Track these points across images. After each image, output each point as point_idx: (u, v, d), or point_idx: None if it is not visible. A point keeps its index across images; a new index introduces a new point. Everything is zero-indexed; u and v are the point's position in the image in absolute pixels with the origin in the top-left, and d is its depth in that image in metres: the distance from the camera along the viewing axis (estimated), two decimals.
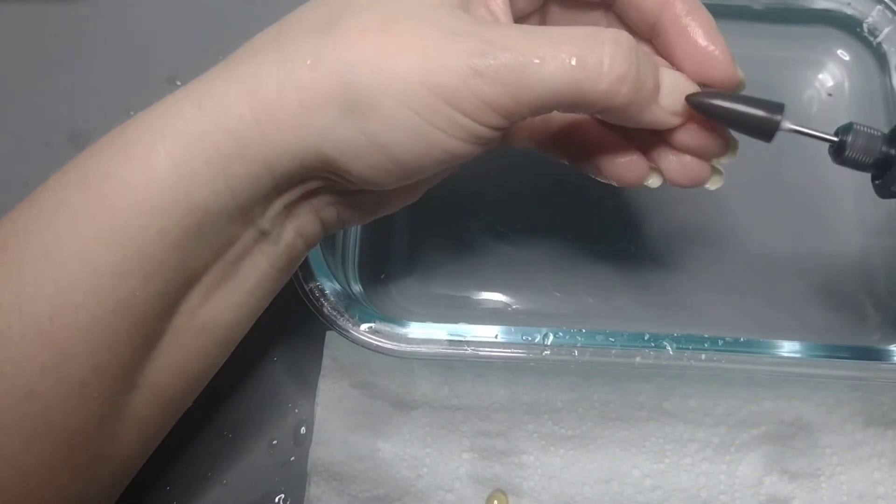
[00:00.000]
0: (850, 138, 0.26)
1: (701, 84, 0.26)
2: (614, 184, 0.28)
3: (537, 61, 0.22)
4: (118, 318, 0.23)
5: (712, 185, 0.28)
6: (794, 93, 0.40)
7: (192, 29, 0.42)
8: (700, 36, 0.26)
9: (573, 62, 0.23)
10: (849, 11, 0.40)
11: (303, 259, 0.29)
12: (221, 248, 0.25)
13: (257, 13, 0.43)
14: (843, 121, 0.27)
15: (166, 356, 0.26)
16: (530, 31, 0.23)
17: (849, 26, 0.40)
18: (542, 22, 0.30)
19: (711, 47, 0.26)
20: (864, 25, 0.40)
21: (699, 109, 0.25)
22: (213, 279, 0.25)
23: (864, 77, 0.40)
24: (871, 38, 0.40)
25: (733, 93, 0.26)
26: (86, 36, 0.42)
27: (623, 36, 0.23)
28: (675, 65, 0.27)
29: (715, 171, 0.28)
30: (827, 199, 0.38)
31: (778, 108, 0.25)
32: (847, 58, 0.41)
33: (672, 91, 0.25)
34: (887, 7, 0.39)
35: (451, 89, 0.22)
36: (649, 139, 0.27)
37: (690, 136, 0.26)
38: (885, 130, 0.26)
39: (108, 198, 0.23)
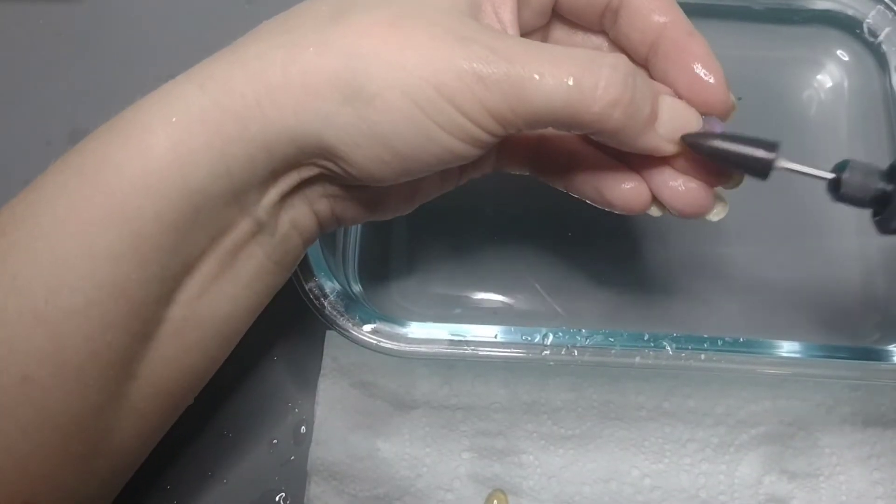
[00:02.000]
0: (846, 175, 0.26)
1: (695, 107, 0.27)
2: (616, 211, 0.28)
3: (537, 77, 0.23)
4: (114, 301, 0.23)
5: (715, 216, 0.28)
6: (794, 93, 0.40)
7: (193, 28, 0.42)
8: (696, 61, 0.26)
9: (570, 82, 0.23)
10: (848, 12, 0.40)
11: (301, 257, 0.29)
12: (218, 234, 0.25)
13: (257, 13, 0.42)
14: (841, 121, 0.27)
15: (164, 347, 0.26)
16: (535, 46, 0.24)
17: (848, 27, 0.40)
18: (545, 40, 0.30)
19: (706, 73, 0.26)
20: (864, 26, 0.40)
21: (695, 149, 0.26)
22: (210, 268, 0.25)
23: (863, 77, 0.40)
24: (871, 39, 0.40)
25: (728, 133, 0.26)
26: (86, 35, 0.42)
27: (622, 62, 0.24)
28: (670, 87, 0.27)
29: (718, 199, 0.28)
30: (826, 198, 0.38)
31: (772, 146, 0.25)
32: (847, 58, 0.41)
33: (671, 119, 0.25)
34: (887, 7, 0.39)
35: (455, 90, 0.23)
36: (652, 168, 0.27)
37: (694, 161, 0.27)
38: (885, 132, 0.26)
39: (104, 180, 0.23)
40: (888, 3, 0.39)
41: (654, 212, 0.28)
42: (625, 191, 0.28)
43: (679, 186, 0.27)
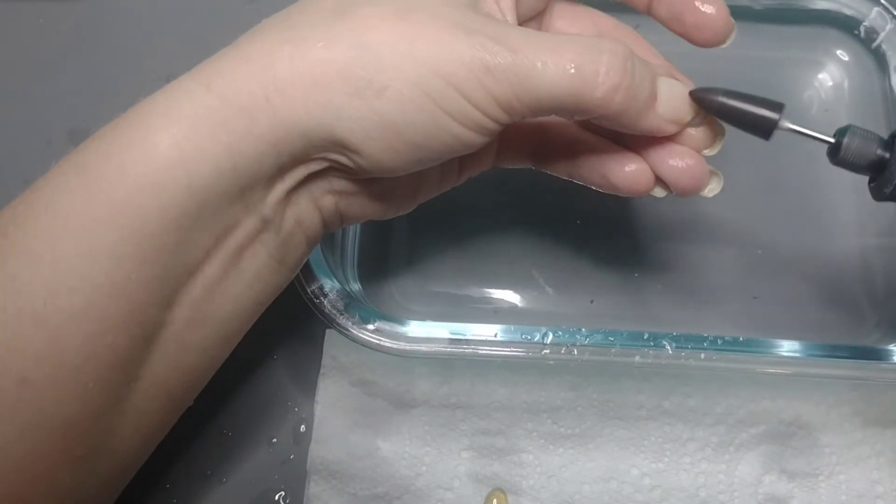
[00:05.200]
0: (846, 140, 0.26)
1: (698, 41, 0.27)
2: (620, 194, 0.29)
3: (540, 65, 0.24)
4: (114, 302, 0.23)
5: (710, 192, 0.29)
6: (794, 93, 0.40)
7: (193, 28, 0.42)
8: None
9: (572, 69, 0.24)
10: (848, 12, 0.40)
11: (305, 258, 0.29)
12: (222, 233, 0.25)
13: (257, 13, 0.43)
14: (842, 121, 0.27)
15: (165, 348, 0.25)
16: (537, 35, 0.24)
17: (848, 27, 0.40)
18: (540, 26, 0.30)
19: (708, 5, 0.27)
20: (863, 26, 0.40)
21: (701, 105, 0.26)
22: (213, 269, 0.25)
23: (863, 78, 0.41)
24: (871, 39, 0.40)
25: (734, 90, 0.26)
26: (86, 34, 0.42)
27: (620, 47, 0.25)
28: (677, 28, 0.28)
29: (713, 174, 0.28)
30: (826, 199, 0.38)
31: (778, 107, 0.26)
32: (846, 58, 0.41)
33: (669, 100, 0.26)
34: (885, 10, 0.39)
35: (463, 79, 0.23)
36: (650, 148, 0.28)
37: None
38: (885, 132, 0.26)
39: (107, 178, 0.23)
40: (886, 4, 0.39)
41: (658, 192, 0.29)
42: (629, 173, 0.28)
43: (678, 164, 0.28)
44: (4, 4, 0.43)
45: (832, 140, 0.27)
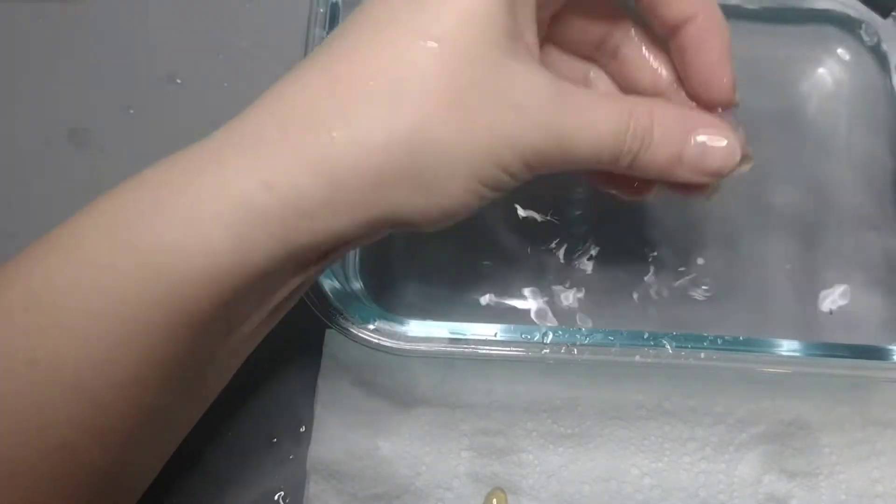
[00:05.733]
0: None
1: (699, 101, 0.28)
2: (621, 198, 0.30)
3: (580, 141, 0.25)
4: (163, 372, 0.24)
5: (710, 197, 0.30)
6: (794, 92, 0.40)
7: (192, 27, 0.42)
8: (713, 58, 0.28)
9: (601, 146, 0.25)
10: (848, 12, 0.40)
11: None
12: (271, 296, 0.26)
13: (257, 12, 0.43)
14: (842, 121, 0.27)
15: (193, 390, 0.26)
16: (583, 105, 0.25)
17: (849, 26, 0.40)
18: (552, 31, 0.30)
19: (720, 74, 0.28)
20: (864, 25, 0.40)
21: None
22: (255, 321, 0.26)
23: (864, 77, 0.40)
24: (871, 38, 0.40)
25: None
26: (86, 34, 0.42)
27: (641, 123, 0.26)
28: (682, 74, 0.29)
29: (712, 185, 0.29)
30: (826, 197, 0.38)
31: None
32: (847, 57, 0.41)
33: (699, 157, 0.27)
34: None
35: (511, 164, 0.25)
36: None
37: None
38: (886, 132, 0.26)
39: (161, 265, 0.23)
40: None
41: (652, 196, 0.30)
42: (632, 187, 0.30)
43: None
44: (4, 4, 0.43)
45: None
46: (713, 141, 0.27)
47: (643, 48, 0.30)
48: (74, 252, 0.23)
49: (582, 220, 0.38)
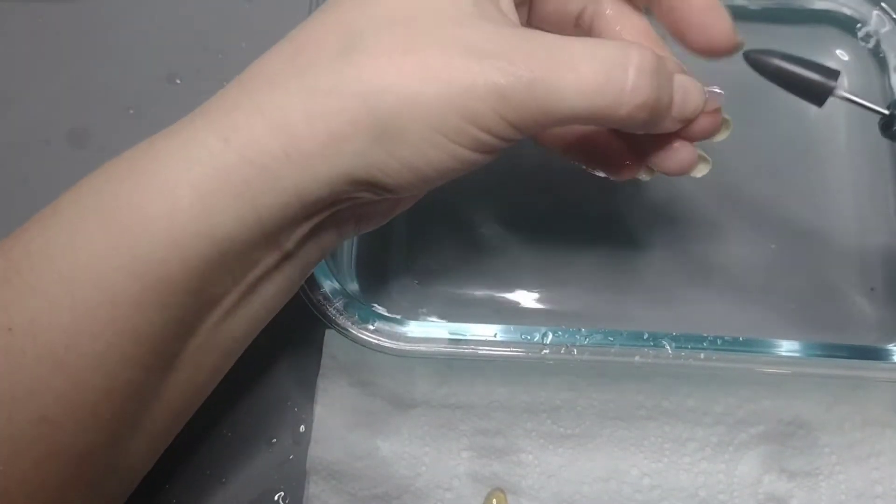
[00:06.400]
0: None
1: (702, 53, 0.27)
2: (605, 176, 0.29)
3: (561, 87, 0.23)
4: (134, 345, 0.24)
5: (698, 172, 0.28)
6: None
7: (191, 27, 0.42)
8: (705, 3, 0.26)
9: (594, 89, 0.23)
10: (847, 12, 0.40)
11: (314, 268, 0.29)
12: (243, 273, 0.25)
13: (256, 12, 0.43)
14: (841, 121, 0.27)
15: (178, 374, 0.26)
16: (553, 46, 0.23)
17: (847, 27, 0.40)
18: (530, 10, 0.30)
19: (715, 16, 0.26)
20: (863, 26, 0.40)
21: (755, 68, 0.26)
22: (231, 301, 0.26)
23: (862, 77, 0.40)
24: (870, 39, 0.40)
25: (790, 54, 0.26)
26: (85, 34, 0.42)
27: (646, 59, 0.24)
28: (675, 29, 0.27)
29: (701, 158, 0.28)
30: (826, 197, 0.38)
31: (833, 74, 0.26)
32: (846, 58, 0.41)
33: (683, 102, 0.26)
34: (884, 11, 0.39)
35: (478, 112, 0.23)
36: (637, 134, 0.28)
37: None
38: (884, 154, 0.26)
39: (128, 229, 0.23)
40: (885, 6, 0.39)
41: (643, 176, 0.29)
42: (621, 167, 0.29)
43: (666, 147, 0.27)
44: (4, 4, 0.43)
45: (886, 112, 0.26)
46: (689, 81, 0.26)
47: (621, 19, 0.29)
48: (51, 219, 0.24)
49: (582, 221, 0.38)
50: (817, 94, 0.26)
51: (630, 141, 0.29)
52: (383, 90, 0.23)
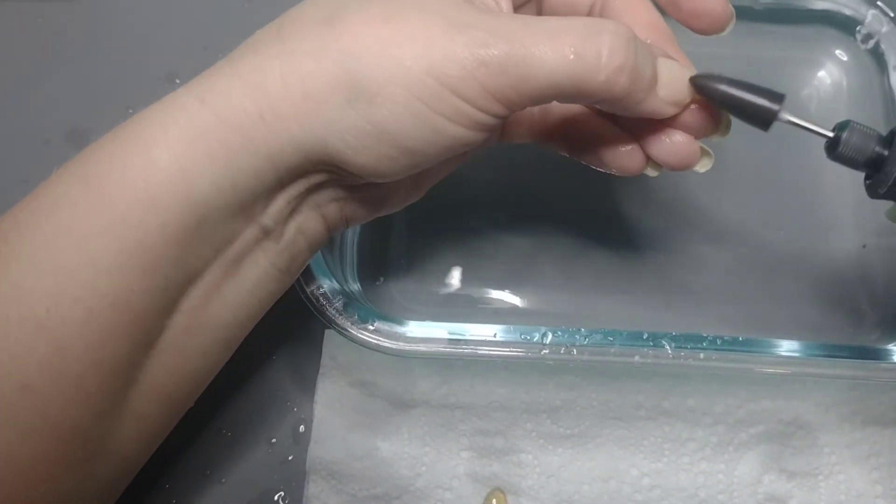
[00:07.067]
0: (845, 135, 0.26)
1: (695, 24, 0.27)
2: (614, 173, 0.29)
3: (538, 54, 0.23)
4: (116, 312, 0.23)
5: (701, 167, 0.28)
6: (793, 92, 0.40)
7: (191, 27, 0.42)
8: None
9: (572, 55, 0.23)
10: (847, 12, 0.40)
11: (306, 264, 0.29)
12: (222, 244, 0.25)
13: (256, 11, 0.43)
14: (841, 120, 0.27)
15: (166, 354, 0.26)
16: (532, 22, 0.24)
17: (847, 27, 0.40)
18: (539, 11, 0.30)
19: None
20: (862, 26, 0.40)
21: (701, 92, 0.26)
22: (213, 277, 0.25)
23: (862, 77, 0.41)
24: (869, 39, 0.40)
25: (736, 79, 0.26)
26: (85, 34, 0.42)
27: (621, 28, 0.24)
28: (672, 6, 0.28)
29: (704, 152, 0.28)
30: (825, 198, 0.38)
31: (778, 98, 0.26)
32: (845, 58, 0.41)
33: (669, 81, 0.26)
34: (882, 12, 0.39)
35: (456, 79, 0.23)
36: (642, 125, 0.28)
37: (688, 113, 0.27)
38: (884, 131, 0.26)
39: (108, 191, 0.23)
40: (882, 6, 0.39)
41: (651, 172, 0.29)
42: (622, 154, 0.28)
43: (667, 141, 0.27)
44: (4, 4, 0.43)
45: (831, 134, 0.26)
46: (676, 64, 0.26)
47: (630, 10, 0.28)
48: (40, 191, 0.24)
49: (582, 222, 0.38)
50: (763, 119, 0.26)
51: (629, 128, 0.28)
52: (361, 52, 0.23)
